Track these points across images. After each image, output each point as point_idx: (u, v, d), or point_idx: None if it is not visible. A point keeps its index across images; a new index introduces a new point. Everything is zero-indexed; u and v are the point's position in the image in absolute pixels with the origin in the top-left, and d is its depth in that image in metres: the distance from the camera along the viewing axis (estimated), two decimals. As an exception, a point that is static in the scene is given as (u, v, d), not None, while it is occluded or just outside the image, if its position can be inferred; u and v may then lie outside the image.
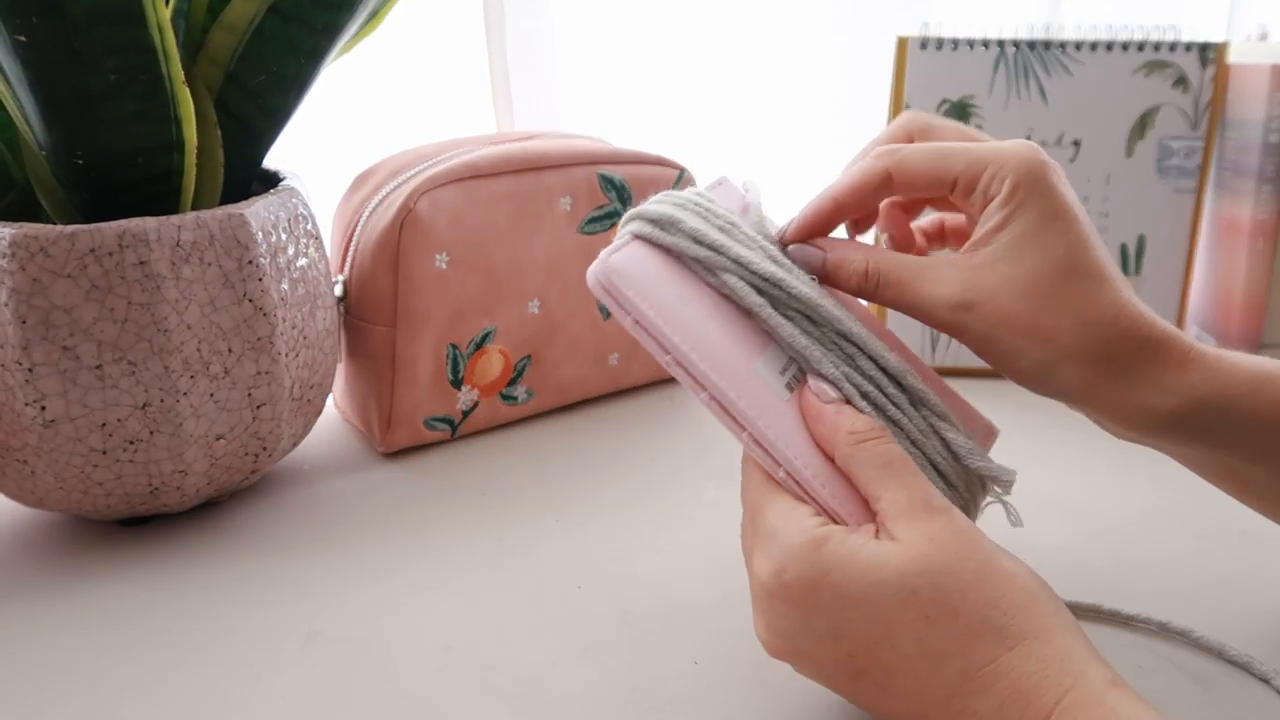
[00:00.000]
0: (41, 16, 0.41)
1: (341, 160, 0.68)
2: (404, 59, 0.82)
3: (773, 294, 0.38)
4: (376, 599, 0.46)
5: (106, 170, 0.47)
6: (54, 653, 0.43)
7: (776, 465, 0.36)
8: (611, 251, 0.37)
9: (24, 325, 0.44)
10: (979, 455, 0.39)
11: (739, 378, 0.36)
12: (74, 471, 0.47)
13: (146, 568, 0.49)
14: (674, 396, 0.69)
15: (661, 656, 0.42)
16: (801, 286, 0.38)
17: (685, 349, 0.36)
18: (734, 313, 0.38)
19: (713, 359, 0.36)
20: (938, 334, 0.71)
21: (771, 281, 0.38)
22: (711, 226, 0.38)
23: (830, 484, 0.35)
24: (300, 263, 0.52)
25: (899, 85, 0.69)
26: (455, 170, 0.58)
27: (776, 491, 0.36)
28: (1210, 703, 0.39)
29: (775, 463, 0.36)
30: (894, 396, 0.38)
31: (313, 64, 0.51)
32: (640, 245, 0.38)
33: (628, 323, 0.36)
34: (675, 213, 0.38)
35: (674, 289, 0.37)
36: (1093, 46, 0.67)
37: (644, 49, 0.92)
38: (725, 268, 0.38)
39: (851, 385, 0.38)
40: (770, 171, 0.98)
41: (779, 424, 0.36)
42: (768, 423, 0.36)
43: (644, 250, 0.38)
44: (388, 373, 0.58)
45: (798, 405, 0.37)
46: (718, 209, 0.40)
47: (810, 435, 0.36)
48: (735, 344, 0.37)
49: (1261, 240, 0.66)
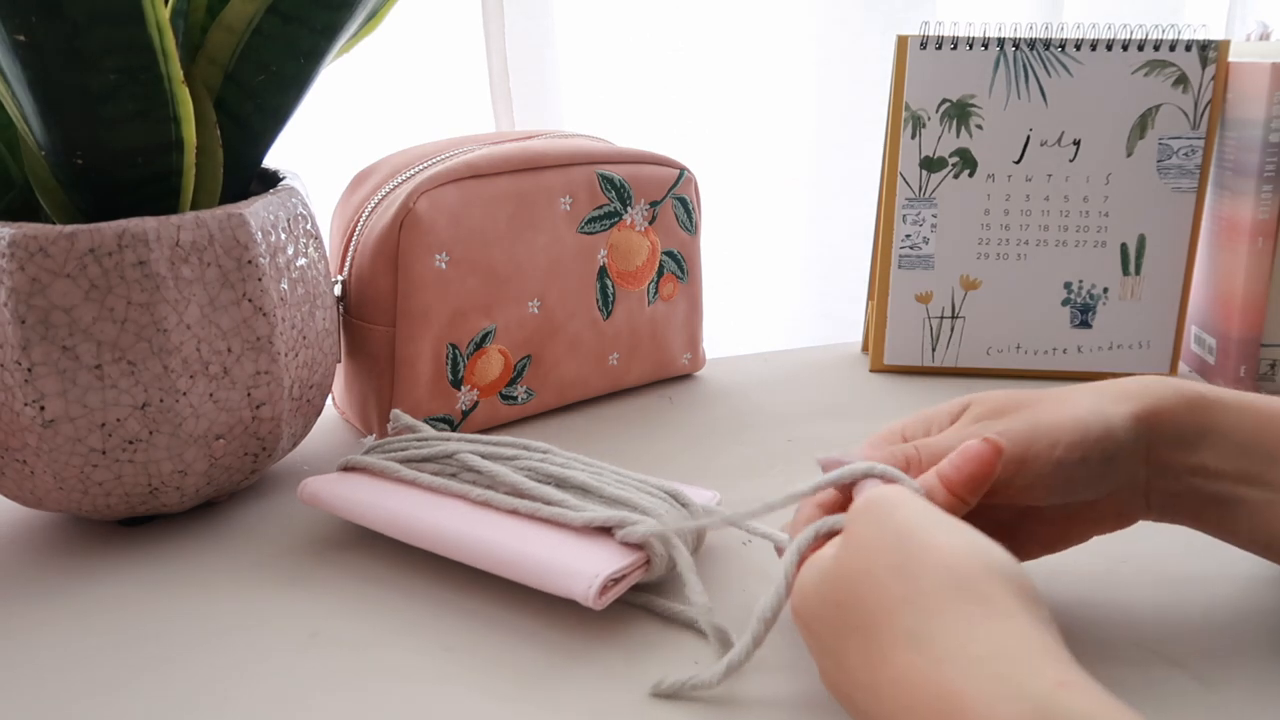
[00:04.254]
0: (41, 16, 0.41)
1: (341, 160, 0.68)
2: (403, 59, 0.82)
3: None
4: (376, 599, 0.46)
5: (106, 170, 0.47)
6: (54, 652, 0.43)
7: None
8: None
9: (23, 325, 0.44)
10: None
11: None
12: (73, 471, 0.47)
13: (146, 568, 0.49)
14: (674, 396, 0.69)
15: (661, 656, 0.42)
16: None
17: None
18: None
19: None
20: (937, 335, 0.71)
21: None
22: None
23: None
24: (300, 262, 0.52)
25: (899, 85, 0.69)
26: (455, 170, 0.58)
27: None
28: (1210, 703, 0.39)
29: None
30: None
31: (312, 64, 0.51)
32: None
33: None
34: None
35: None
36: (1093, 46, 0.67)
37: (644, 49, 0.92)
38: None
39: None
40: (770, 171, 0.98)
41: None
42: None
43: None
44: (387, 373, 0.58)
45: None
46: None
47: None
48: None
49: (1261, 240, 0.66)
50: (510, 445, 0.51)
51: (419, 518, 0.47)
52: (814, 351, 0.78)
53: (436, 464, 0.50)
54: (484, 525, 0.46)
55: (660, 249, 0.67)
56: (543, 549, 0.43)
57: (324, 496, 0.50)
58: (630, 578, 0.43)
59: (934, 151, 0.69)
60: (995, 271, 0.71)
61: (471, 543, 0.45)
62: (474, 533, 0.45)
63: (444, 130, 0.69)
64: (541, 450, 0.51)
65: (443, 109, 0.86)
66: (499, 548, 0.44)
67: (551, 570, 0.42)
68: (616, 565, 0.42)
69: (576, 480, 0.47)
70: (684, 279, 0.69)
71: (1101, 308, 0.71)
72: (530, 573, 0.43)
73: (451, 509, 0.47)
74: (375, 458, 0.52)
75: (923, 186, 0.70)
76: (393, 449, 0.52)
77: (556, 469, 0.48)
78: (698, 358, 0.72)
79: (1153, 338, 0.71)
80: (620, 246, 0.65)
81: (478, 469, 0.49)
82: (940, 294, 0.71)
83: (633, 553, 0.43)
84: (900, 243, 0.71)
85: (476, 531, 0.45)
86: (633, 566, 0.43)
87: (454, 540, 0.45)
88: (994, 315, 0.71)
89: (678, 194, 0.67)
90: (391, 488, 0.50)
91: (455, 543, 0.45)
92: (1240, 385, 0.69)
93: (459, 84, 0.86)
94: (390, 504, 0.48)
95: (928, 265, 0.71)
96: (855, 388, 0.71)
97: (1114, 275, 0.70)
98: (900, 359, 0.73)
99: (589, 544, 0.44)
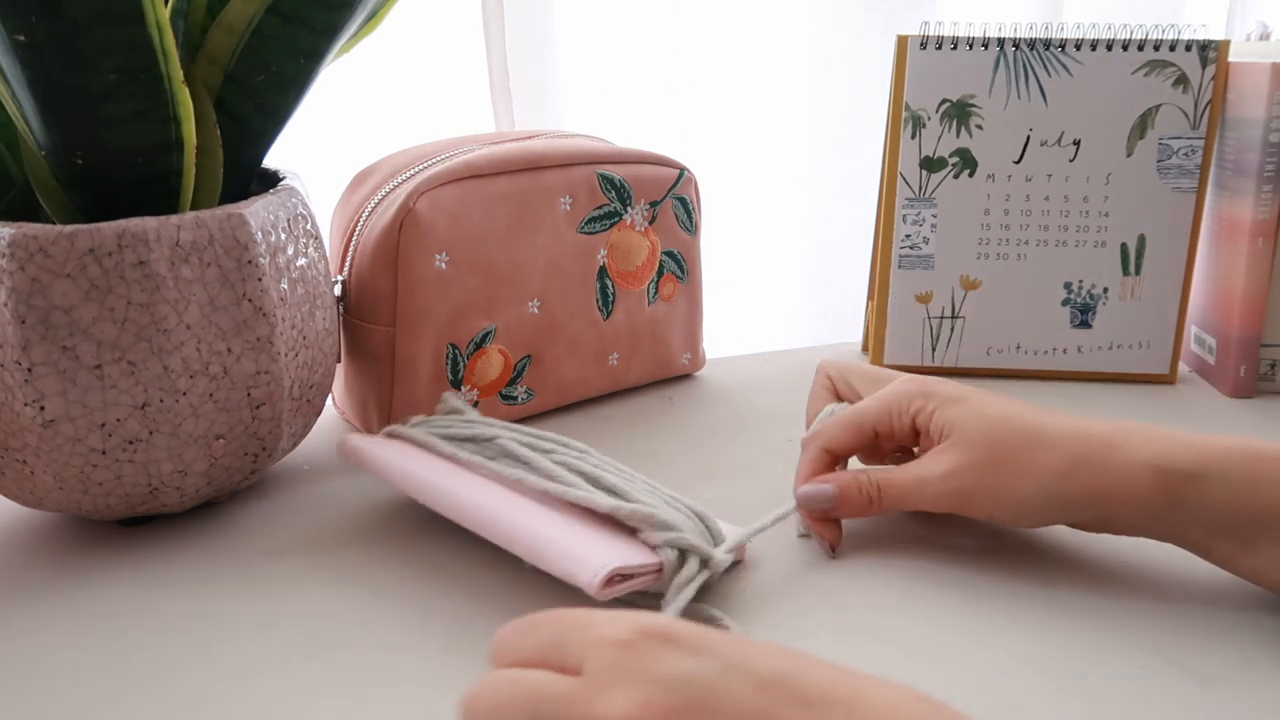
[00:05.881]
0: (41, 16, 0.41)
1: (341, 160, 0.68)
2: (403, 59, 0.82)
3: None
4: (376, 599, 0.46)
5: (106, 170, 0.47)
6: (54, 653, 0.43)
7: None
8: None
9: (23, 325, 0.44)
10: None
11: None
12: (73, 471, 0.47)
13: (146, 568, 0.49)
14: (674, 396, 0.69)
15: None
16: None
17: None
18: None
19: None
20: (937, 335, 0.71)
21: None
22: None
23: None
24: (300, 262, 0.52)
25: (899, 85, 0.69)
26: (455, 170, 0.58)
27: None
28: (1210, 703, 0.39)
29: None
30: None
31: (312, 64, 0.51)
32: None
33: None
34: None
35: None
36: (1093, 46, 0.67)
37: (644, 49, 0.92)
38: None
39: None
40: (770, 171, 0.98)
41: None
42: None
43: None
44: (387, 373, 0.58)
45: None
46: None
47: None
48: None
49: (1261, 240, 0.66)
50: (550, 440, 0.51)
51: (449, 486, 0.48)
52: (814, 351, 0.78)
53: (475, 445, 0.51)
54: (510, 502, 0.46)
55: (660, 249, 0.67)
56: (561, 533, 0.44)
57: (364, 454, 0.51)
58: (638, 580, 0.42)
59: (934, 151, 0.69)
60: (995, 271, 0.71)
61: (493, 516, 0.45)
62: (498, 506, 0.46)
63: (444, 130, 0.69)
64: (579, 449, 0.51)
65: (443, 109, 0.86)
66: (519, 526, 0.44)
67: (566, 554, 0.42)
68: (628, 561, 0.42)
69: (607, 481, 0.47)
70: (684, 279, 0.69)
71: (1101, 308, 0.71)
72: (543, 553, 0.43)
73: (482, 484, 0.48)
74: (419, 430, 0.53)
75: (923, 186, 0.70)
76: (436, 426, 0.53)
77: (590, 468, 0.48)
78: (698, 358, 0.72)
79: (1153, 338, 0.71)
80: (620, 246, 0.65)
81: (516, 454, 0.49)
82: (940, 294, 0.71)
83: (648, 556, 0.43)
84: (900, 243, 0.71)
85: (501, 505, 0.46)
86: (644, 569, 0.43)
87: (478, 511, 0.46)
88: (994, 315, 0.71)
89: (678, 194, 0.67)
90: (428, 458, 0.51)
91: (478, 513, 0.46)
92: (1240, 385, 0.69)
93: (459, 84, 0.86)
94: (424, 470, 0.49)
95: (928, 265, 0.71)
96: (855, 388, 0.71)
97: (1114, 275, 0.70)
98: (900, 359, 0.73)
99: (608, 538, 0.44)
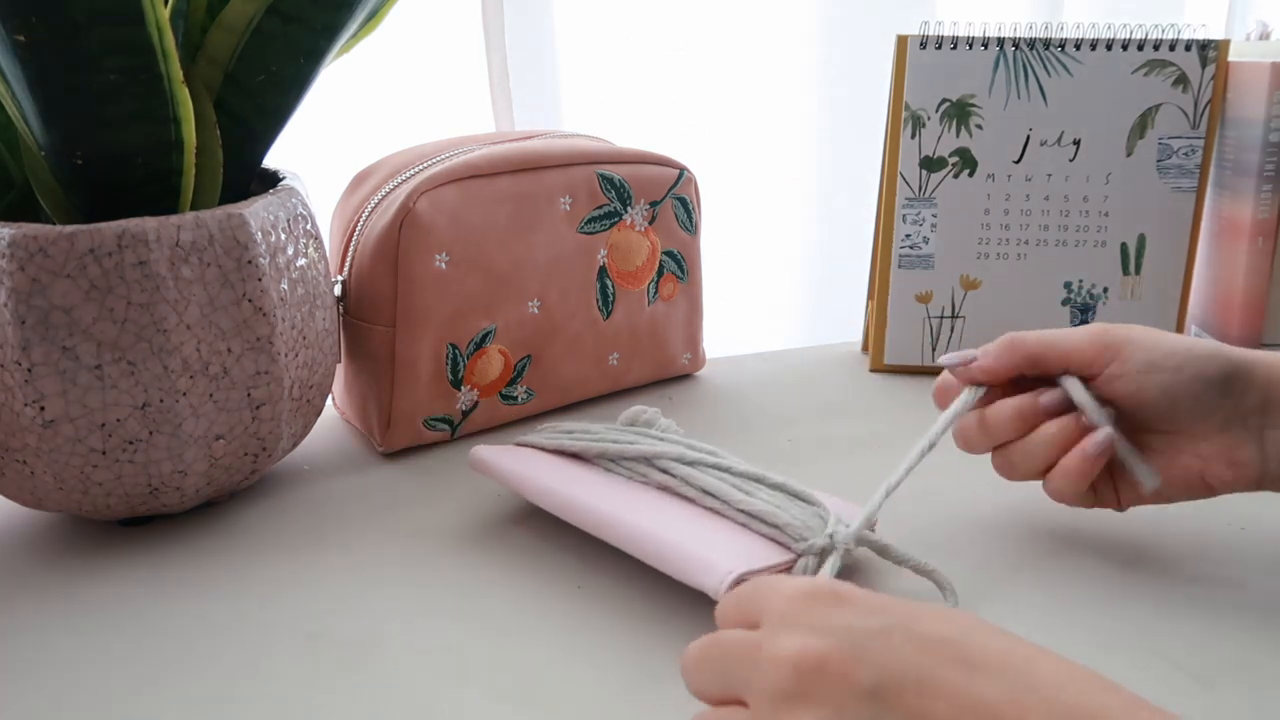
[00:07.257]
0: (41, 16, 0.41)
1: (341, 160, 0.68)
2: (403, 59, 0.82)
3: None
4: (376, 599, 0.46)
5: (106, 170, 0.47)
6: (54, 653, 0.43)
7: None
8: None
9: (23, 325, 0.44)
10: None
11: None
12: (73, 472, 0.47)
13: (146, 568, 0.49)
14: (674, 396, 0.69)
15: (662, 657, 0.42)
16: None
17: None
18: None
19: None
20: (937, 335, 0.71)
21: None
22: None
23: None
24: (300, 263, 0.52)
25: (899, 85, 0.69)
26: (455, 170, 0.58)
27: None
28: (1210, 703, 0.39)
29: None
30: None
31: (312, 64, 0.51)
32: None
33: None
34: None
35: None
36: (1093, 46, 0.67)
37: (644, 49, 0.92)
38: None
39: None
40: (770, 171, 0.98)
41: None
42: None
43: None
44: (387, 373, 0.58)
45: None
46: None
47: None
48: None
49: (1261, 240, 0.66)
50: (698, 449, 0.50)
51: (572, 492, 0.48)
52: (814, 351, 0.78)
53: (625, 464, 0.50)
54: (639, 508, 0.46)
55: (660, 249, 0.67)
56: (686, 535, 0.43)
57: (493, 465, 0.51)
58: (764, 571, 0.41)
59: (934, 151, 0.69)
60: (995, 271, 0.71)
61: (618, 522, 0.45)
62: (622, 511, 0.46)
63: (444, 130, 0.69)
64: (707, 449, 0.50)
65: (443, 109, 0.86)
66: (646, 532, 0.44)
67: (688, 557, 0.42)
68: (753, 565, 0.41)
69: (742, 479, 0.47)
70: (684, 279, 0.69)
71: (1101, 307, 0.71)
72: (666, 557, 0.43)
73: (608, 489, 0.48)
74: (543, 436, 0.53)
75: (923, 186, 0.70)
76: (559, 433, 0.54)
77: (728, 467, 0.48)
78: (698, 358, 0.72)
79: (1153, 337, 0.71)
80: (620, 246, 0.65)
81: (671, 472, 0.48)
82: (940, 294, 0.71)
83: (777, 555, 0.42)
84: (900, 243, 0.71)
85: (627, 510, 0.46)
86: (772, 568, 0.42)
87: (600, 517, 0.46)
88: (994, 315, 0.71)
89: (678, 194, 0.67)
90: (555, 463, 0.51)
91: (601, 520, 0.46)
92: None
93: (459, 84, 0.86)
94: (552, 475, 0.49)
95: (928, 265, 0.71)
96: (855, 387, 0.71)
97: (1114, 275, 0.70)
98: (900, 359, 0.73)
99: (724, 533, 0.44)
